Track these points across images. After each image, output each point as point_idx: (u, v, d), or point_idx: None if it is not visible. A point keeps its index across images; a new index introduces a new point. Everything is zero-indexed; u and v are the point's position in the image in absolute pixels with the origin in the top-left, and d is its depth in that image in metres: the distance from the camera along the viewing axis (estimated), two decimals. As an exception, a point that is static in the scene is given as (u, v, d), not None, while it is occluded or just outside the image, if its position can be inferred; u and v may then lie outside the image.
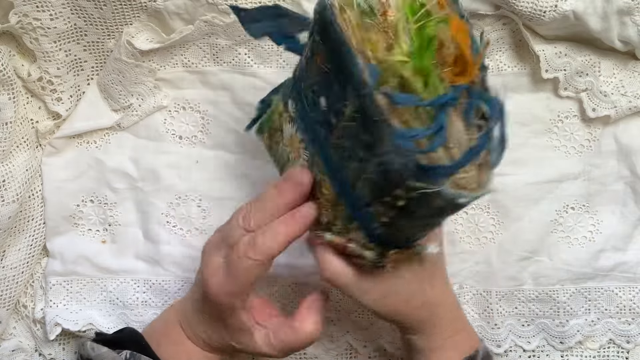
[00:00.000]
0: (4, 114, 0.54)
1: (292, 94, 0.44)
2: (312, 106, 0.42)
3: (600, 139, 0.58)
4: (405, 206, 0.37)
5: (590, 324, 0.59)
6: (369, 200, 0.39)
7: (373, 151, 0.37)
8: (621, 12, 0.52)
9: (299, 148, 0.45)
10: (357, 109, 0.37)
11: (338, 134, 0.40)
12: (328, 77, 0.39)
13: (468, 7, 0.54)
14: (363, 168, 0.38)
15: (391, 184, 0.37)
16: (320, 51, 0.39)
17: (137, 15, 0.55)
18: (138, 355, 0.46)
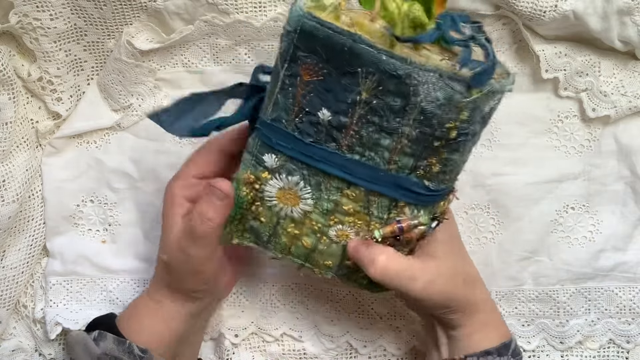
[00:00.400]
0: (4, 114, 0.54)
1: (264, 148, 0.44)
2: (307, 132, 0.43)
3: (600, 139, 0.58)
4: (459, 133, 0.41)
5: (590, 324, 0.59)
6: (414, 162, 0.42)
7: (408, 106, 0.40)
8: (621, 12, 0.52)
9: (295, 192, 0.45)
10: (378, 83, 0.39)
11: (355, 129, 0.41)
12: (324, 83, 0.41)
13: (468, 7, 0.54)
14: (400, 134, 0.41)
15: (440, 122, 0.40)
16: (306, 65, 0.40)
17: (137, 15, 0.55)
18: (104, 333, 0.50)
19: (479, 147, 0.58)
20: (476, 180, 0.59)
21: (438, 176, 0.43)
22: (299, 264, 0.49)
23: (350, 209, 0.45)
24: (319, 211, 0.46)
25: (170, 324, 0.51)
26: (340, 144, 0.42)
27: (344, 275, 0.49)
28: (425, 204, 0.44)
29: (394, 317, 0.60)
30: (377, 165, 0.43)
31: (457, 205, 0.59)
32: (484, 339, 0.49)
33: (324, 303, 0.61)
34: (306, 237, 0.47)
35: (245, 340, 0.61)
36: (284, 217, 0.46)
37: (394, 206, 0.44)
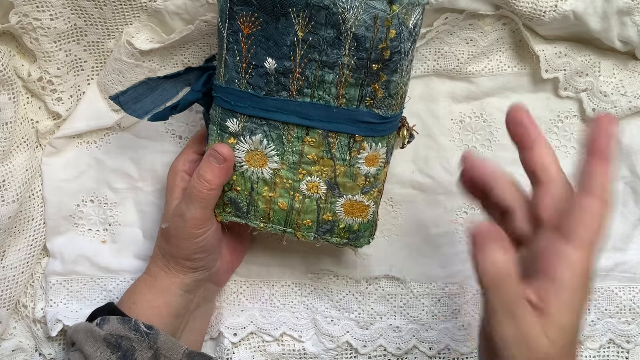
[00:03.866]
0: (4, 114, 0.54)
1: (225, 115, 0.48)
2: (258, 86, 0.46)
3: (600, 139, 0.58)
4: (391, 52, 0.43)
5: (590, 324, 0.59)
6: (360, 92, 0.45)
7: (341, 35, 0.43)
8: (621, 12, 0.52)
9: (261, 152, 0.48)
10: (309, 19, 0.43)
11: (299, 70, 0.45)
12: (263, 32, 0.44)
13: (468, 7, 0.54)
14: (341, 65, 0.44)
15: (372, 44, 0.43)
16: (243, 18, 0.44)
17: (137, 15, 0.55)
18: (106, 317, 0.51)
19: (478, 147, 0.59)
20: (476, 180, 0.59)
21: (384, 101, 0.45)
22: (280, 230, 0.51)
23: (313, 156, 0.48)
24: (286, 166, 0.48)
25: (166, 297, 0.52)
26: (290, 90, 0.46)
27: (326, 233, 0.51)
28: (380, 133, 0.47)
29: (394, 317, 0.60)
30: (327, 103, 0.46)
31: (457, 205, 0.59)
32: None
33: (324, 303, 0.61)
34: (281, 198, 0.49)
35: (245, 340, 0.61)
36: (257, 181, 0.49)
37: (353, 142, 0.47)
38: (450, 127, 0.59)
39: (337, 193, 0.49)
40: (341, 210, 0.50)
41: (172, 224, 0.51)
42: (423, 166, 0.59)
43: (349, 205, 0.49)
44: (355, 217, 0.50)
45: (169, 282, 0.52)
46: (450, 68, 0.57)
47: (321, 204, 0.49)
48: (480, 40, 0.56)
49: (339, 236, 0.51)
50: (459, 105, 0.59)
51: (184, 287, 0.53)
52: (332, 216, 0.50)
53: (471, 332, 0.60)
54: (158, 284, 0.52)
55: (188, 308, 0.54)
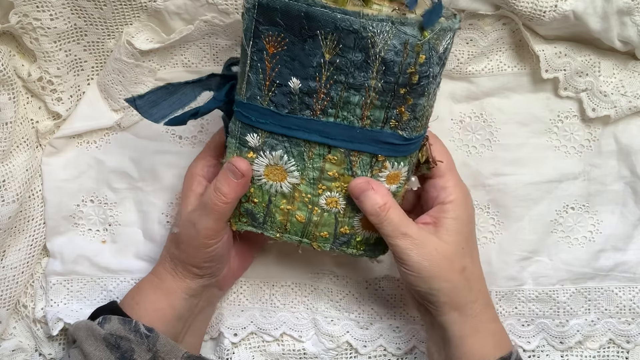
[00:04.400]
0: (4, 114, 0.54)
1: (245, 129, 0.47)
2: (281, 104, 0.45)
3: (600, 139, 0.58)
4: (420, 77, 0.43)
5: (590, 324, 0.59)
6: (385, 114, 0.45)
7: (369, 59, 0.42)
8: (621, 12, 0.52)
9: (281, 167, 0.48)
10: (337, 42, 0.42)
11: (324, 91, 0.44)
12: (288, 52, 0.44)
13: (468, 7, 0.54)
14: (367, 87, 0.43)
15: (401, 69, 0.42)
16: (269, 38, 0.43)
17: (137, 15, 0.55)
18: (108, 316, 0.51)
19: (478, 147, 0.59)
20: (476, 180, 0.59)
21: (409, 124, 0.45)
22: (296, 240, 0.50)
23: (334, 173, 0.47)
24: (306, 182, 0.48)
25: (171, 300, 0.52)
26: (314, 110, 0.45)
27: (343, 245, 0.50)
28: (403, 154, 0.47)
29: (394, 317, 0.60)
30: (351, 124, 0.45)
31: (457, 205, 0.59)
32: (477, 346, 0.48)
33: (324, 303, 0.61)
34: (299, 211, 0.49)
35: (245, 340, 0.61)
36: (275, 194, 0.49)
37: (375, 162, 0.47)
38: (450, 127, 0.59)
39: (356, 208, 0.48)
40: (359, 225, 0.49)
41: (183, 230, 0.50)
42: (423, 166, 0.59)
43: (367, 220, 0.48)
44: (372, 232, 0.49)
45: (175, 285, 0.52)
46: (450, 68, 0.57)
47: (339, 218, 0.49)
48: (480, 40, 0.56)
49: (355, 248, 0.51)
50: (459, 105, 0.59)
51: (189, 292, 0.52)
52: (350, 229, 0.49)
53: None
54: (164, 286, 0.52)
55: (192, 312, 0.54)
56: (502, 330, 0.51)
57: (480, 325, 0.49)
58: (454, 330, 0.49)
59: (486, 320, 0.50)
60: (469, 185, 0.59)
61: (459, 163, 0.59)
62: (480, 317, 0.49)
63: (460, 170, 0.58)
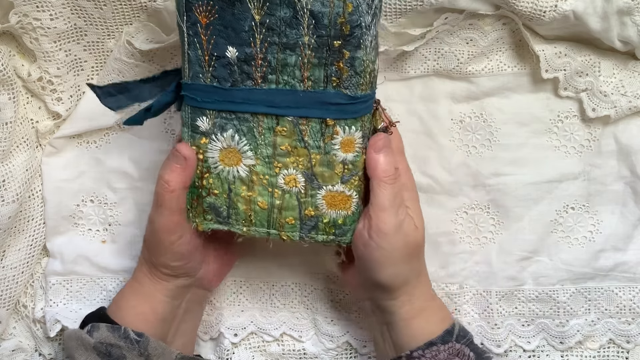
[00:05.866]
0: (4, 114, 0.54)
1: (194, 114, 0.47)
2: (223, 77, 0.46)
3: (600, 139, 0.58)
4: (351, 26, 0.43)
5: (590, 324, 0.59)
6: (324, 72, 0.45)
7: (298, 14, 0.43)
8: (621, 12, 0.52)
9: (234, 149, 0.48)
10: (264, 0, 0.43)
11: (261, 56, 0.45)
12: (220, 20, 0.44)
13: (468, 7, 0.54)
14: (302, 45, 0.44)
15: (330, 20, 0.43)
16: (200, 8, 0.44)
17: (137, 15, 0.55)
18: (96, 324, 0.50)
19: (478, 147, 0.59)
20: (476, 180, 0.59)
21: (351, 80, 0.45)
22: (264, 233, 0.50)
23: (287, 146, 0.47)
24: (261, 161, 0.48)
25: (151, 303, 0.51)
26: (255, 78, 0.45)
27: (311, 231, 0.49)
28: (352, 115, 0.46)
29: (394, 317, 0.60)
30: (293, 87, 0.46)
31: (457, 205, 0.59)
32: (424, 324, 0.49)
33: (324, 303, 0.61)
34: (260, 197, 0.49)
35: (245, 340, 0.61)
36: (234, 181, 0.49)
37: (325, 128, 0.46)
38: (450, 127, 0.59)
39: (316, 185, 0.48)
40: (323, 203, 0.49)
41: (147, 231, 0.50)
42: (423, 166, 0.59)
43: (330, 197, 0.48)
44: (338, 210, 0.49)
45: (153, 288, 0.52)
46: (450, 68, 0.57)
47: (302, 199, 0.49)
48: (480, 40, 0.56)
49: (324, 232, 0.49)
50: (459, 105, 0.59)
51: (168, 293, 0.52)
52: (315, 211, 0.49)
53: (471, 331, 0.60)
54: (143, 289, 0.52)
55: (176, 313, 0.53)
56: (442, 306, 0.52)
57: (425, 304, 0.50)
58: (401, 313, 0.49)
59: (430, 297, 0.51)
60: (469, 185, 0.59)
61: (459, 163, 0.59)
62: (425, 296, 0.50)
63: (460, 170, 0.59)
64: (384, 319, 0.51)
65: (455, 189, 0.59)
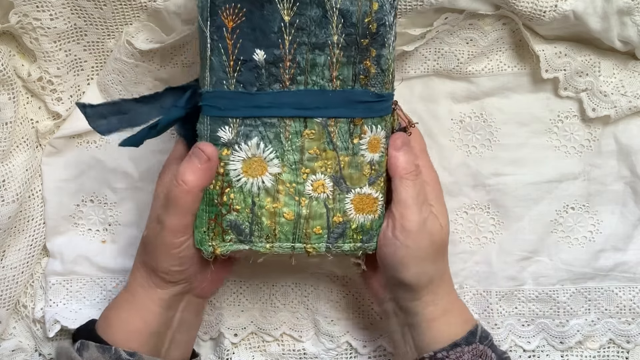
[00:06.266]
0: (4, 114, 0.54)
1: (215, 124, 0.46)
2: (249, 82, 0.45)
3: (600, 139, 0.58)
4: (377, 25, 0.44)
5: (590, 324, 0.59)
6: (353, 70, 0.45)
7: (327, 12, 0.43)
8: (621, 12, 0.52)
9: (259, 157, 0.46)
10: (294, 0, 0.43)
11: (290, 57, 0.44)
12: (248, 22, 0.44)
13: (468, 7, 0.54)
14: (331, 44, 0.44)
15: (359, 18, 0.44)
16: (227, 12, 0.44)
17: (137, 15, 0.55)
18: (86, 343, 0.48)
19: (478, 147, 0.59)
20: (476, 180, 0.59)
21: (377, 78, 0.46)
22: (288, 249, 0.48)
23: (315, 150, 0.47)
24: (288, 168, 0.47)
25: (144, 316, 0.49)
26: (283, 80, 0.45)
27: (339, 239, 0.48)
28: (378, 113, 0.47)
29: (394, 317, 0.60)
30: (322, 87, 0.45)
31: (457, 205, 0.59)
32: (447, 326, 0.49)
33: (324, 303, 0.61)
34: (286, 208, 0.47)
35: (245, 340, 0.61)
36: (258, 193, 0.47)
37: (353, 128, 0.46)
38: (450, 127, 0.59)
39: (345, 188, 0.47)
40: (351, 208, 0.48)
41: (150, 231, 0.48)
42: (423, 166, 0.59)
43: (358, 200, 0.48)
44: (366, 214, 0.48)
45: (147, 299, 0.49)
46: (450, 68, 0.57)
47: (329, 205, 0.47)
48: (480, 40, 0.56)
49: (351, 239, 0.48)
50: (459, 105, 0.59)
51: (162, 304, 0.49)
52: (343, 216, 0.48)
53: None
54: (135, 300, 0.49)
55: (170, 325, 0.51)
56: (464, 307, 0.51)
57: (448, 306, 0.49)
58: (425, 314, 0.49)
59: (454, 299, 0.50)
60: (469, 185, 0.59)
61: (459, 163, 0.59)
62: (448, 296, 0.50)
63: (460, 170, 0.59)
64: (406, 321, 0.50)
65: (455, 189, 0.59)
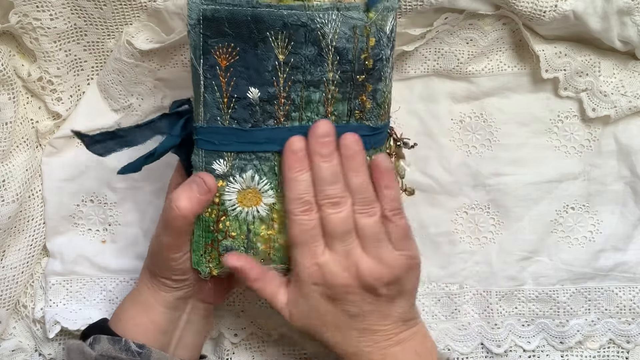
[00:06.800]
0: (4, 114, 0.54)
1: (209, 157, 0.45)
2: (243, 119, 0.44)
3: (600, 139, 0.58)
4: (374, 60, 0.44)
5: (590, 324, 0.59)
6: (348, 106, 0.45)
7: (323, 51, 0.43)
8: (621, 12, 0.52)
9: (254, 189, 0.46)
10: (288, 39, 0.42)
11: (284, 95, 0.44)
12: (242, 61, 0.43)
13: (468, 7, 0.54)
14: (326, 81, 0.44)
15: (354, 55, 0.43)
16: (220, 51, 0.43)
17: (137, 15, 0.55)
18: (98, 337, 0.49)
19: (478, 147, 0.59)
20: (476, 180, 0.59)
21: (373, 112, 0.45)
22: (284, 269, 0.48)
23: None
24: (282, 199, 0.46)
25: (150, 314, 0.50)
26: (277, 117, 0.44)
27: None
28: (373, 145, 0.46)
29: (394, 317, 0.60)
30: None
31: (457, 205, 0.59)
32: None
33: (324, 303, 0.61)
34: (280, 235, 0.47)
35: (245, 340, 0.61)
36: (253, 221, 0.47)
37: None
38: (450, 127, 0.59)
39: None
40: None
41: (152, 243, 0.49)
42: (423, 166, 0.59)
43: None
44: None
45: (152, 298, 0.50)
46: (450, 68, 0.57)
47: None
48: (480, 40, 0.56)
49: None
50: (459, 105, 0.59)
51: (166, 305, 0.50)
52: None
53: (471, 332, 0.60)
54: (141, 299, 0.51)
55: (176, 325, 0.52)
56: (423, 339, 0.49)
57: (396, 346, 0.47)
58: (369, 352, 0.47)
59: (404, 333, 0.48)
60: (469, 185, 0.59)
61: (459, 163, 0.59)
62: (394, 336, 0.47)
63: (460, 170, 0.59)
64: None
65: (455, 189, 0.59)
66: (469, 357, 0.60)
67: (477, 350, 0.60)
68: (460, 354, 0.60)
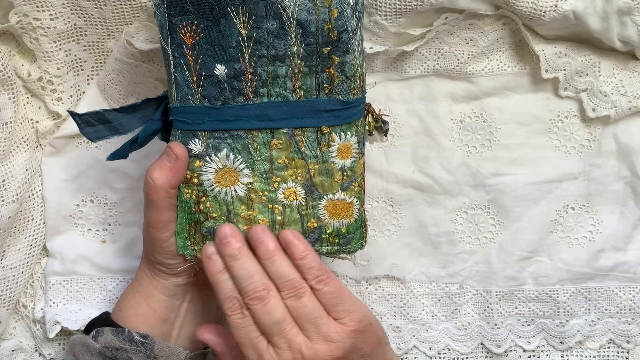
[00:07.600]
0: (4, 114, 0.54)
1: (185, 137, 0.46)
2: (213, 96, 0.45)
3: (600, 139, 0.58)
4: (338, 32, 0.43)
5: (590, 324, 0.59)
6: (316, 80, 0.45)
7: (284, 24, 0.43)
8: (621, 12, 0.52)
9: (230, 168, 0.47)
10: (249, 13, 0.43)
11: (251, 70, 0.44)
12: (206, 38, 0.44)
13: (468, 7, 0.54)
14: (291, 55, 0.44)
15: (317, 27, 0.43)
16: (185, 29, 0.44)
17: (137, 15, 0.55)
18: (101, 329, 0.49)
19: (478, 147, 0.58)
20: (476, 180, 0.59)
21: (343, 85, 0.45)
22: None
23: (284, 159, 0.47)
24: (259, 178, 0.47)
25: (150, 302, 0.51)
26: (246, 93, 0.45)
27: (315, 243, 0.48)
28: (346, 120, 0.46)
29: (394, 317, 0.60)
30: (286, 99, 0.45)
31: (457, 205, 0.59)
32: None
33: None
34: (260, 215, 0.48)
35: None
36: (232, 202, 0.47)
37: (321, 136, 0.46)
38: (450, 127, 0.59)
39: (317, 195, 0.47)
40: (325, 213, 0.48)
41: (143, 227, 0.50)
42: (423, 166, 0.59)
43: (331, 206, 0.48)
44: (341, 219, 0.48)
45: (151, 286, 0.51)
46: (450, 68, 0.57)
47: (303, 211, 0.48)
48: (480, 40, 0.56)
49: (329, 243, 0.48)
50: (459, 105, 0.59)
51: (166, 292, 0.51)
52: (318, 222, 0.48)
53: (471, 332, 0.60)
54: (141, 288, 0.51)
55: (177, 313, 0.52)
56: None
57: None
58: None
59: None
60: (469, 185, 0.59)
61: (459, 163, 0.59)
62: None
63: (460, 170, 0.59)
64: None
65: (455, 189, 0.59)
66: (469, 357, 0.60)
67: (477, 350, 0.60)
68: (460, 354, 0.60)
